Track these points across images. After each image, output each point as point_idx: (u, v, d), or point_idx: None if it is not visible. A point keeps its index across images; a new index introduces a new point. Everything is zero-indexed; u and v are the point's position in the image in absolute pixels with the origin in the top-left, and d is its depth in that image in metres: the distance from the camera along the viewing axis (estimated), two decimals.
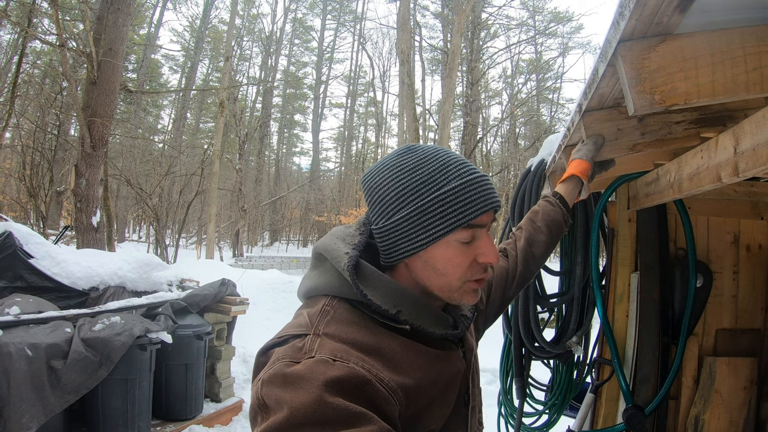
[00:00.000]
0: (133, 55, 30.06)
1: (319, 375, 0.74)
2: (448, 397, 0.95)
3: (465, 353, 1.05)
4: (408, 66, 14.91)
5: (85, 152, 7.72)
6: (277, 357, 0.81)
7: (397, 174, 0.93)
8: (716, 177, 1.27)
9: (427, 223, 0.90)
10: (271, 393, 0.75)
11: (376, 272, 0.93)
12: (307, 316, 0.90)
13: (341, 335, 0.85)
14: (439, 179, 0.91)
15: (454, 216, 0.89)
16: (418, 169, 0.92)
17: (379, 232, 0.96)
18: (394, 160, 0.96)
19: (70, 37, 9.15)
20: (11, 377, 3.36)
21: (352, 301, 0.92)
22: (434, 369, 0.92)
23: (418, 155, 0.95)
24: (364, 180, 1.00)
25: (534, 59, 31.85)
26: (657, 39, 1.07)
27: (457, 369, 0.98)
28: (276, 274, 11.00)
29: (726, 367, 2.08)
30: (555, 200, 1.62)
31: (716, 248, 2.26)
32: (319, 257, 1.00)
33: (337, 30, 46.43)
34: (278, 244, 38.41)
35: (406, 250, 0.93)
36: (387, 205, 0.94)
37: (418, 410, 0.86)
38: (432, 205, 0.90)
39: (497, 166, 29.48)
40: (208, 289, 5.23)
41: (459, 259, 0.93)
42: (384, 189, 0.94)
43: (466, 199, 0.90)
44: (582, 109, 1.58)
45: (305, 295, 0.99)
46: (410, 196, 0.91)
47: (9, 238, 4.56)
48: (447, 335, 0.97)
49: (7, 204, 17.34)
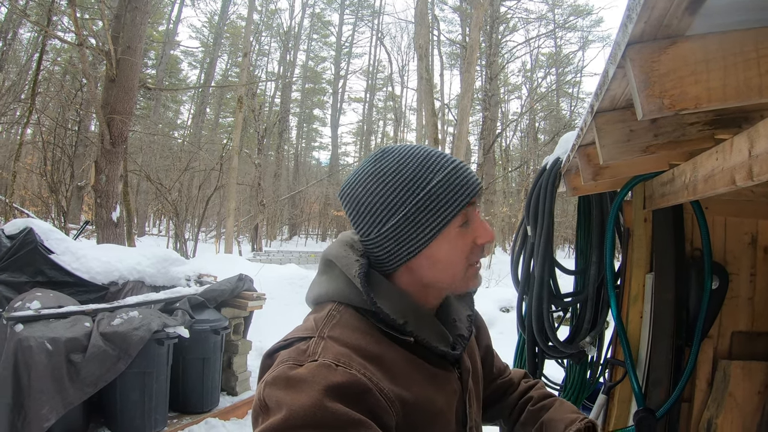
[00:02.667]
0: (152, 51, 30.38)
1: (320, 379, 0.75)
2: (444, 417, 0.95)
3: (461, 374, 1.04)
4: (426, 61, 14.85)
5: (105, 149, 7.84)
6: (281, 359, 0.83)
7: (379, 181, 0.92)
8: (731, 180, 1.24)
9: (423, 221, 0.90)
10: (273, 394, 0.76)
11: (385, 281, 0.95)
12: (313, 320, 0.91)
13: (345, 339, 0.86)
14: (424, 176, 0.91)
15: (447, 207, 0.90)
16: (400, 170, 0.92)
17: (373, 242, 0.95)
18: (372, 167, 0.95)
19: (89, 35, 9.27)
20: (32, 370, 3.45)
21: (359, 309, 0.93)
22: (432, 387, 0.92)
23: (395, 157, 0.94)
24: (344, 194, 0.98)
25: (553, 53, 31.54)
26: (667, 41, 1.04)
27: (453, 390, 0.98)
28: (294, 268, 11.06)
29: (740, 371, 2.04)
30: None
31: (733, 249, 2.22)
32: (328, 264, 1.00)
33: (355, 25, 46.42)
34: (297, 238, 38.56)
35: (408, 253, 0.93)
36: (377, 215, 0.92)
37: (413, 425, 0.86)
38: (423, 203, 0.90)
39: (516, 161, 29.32)
40: (226, 284, 5.28)
41: (460, 245, 0.94)
42: (369, 199, 0.93)
43: (453, 189, 0.91)
44: (594, 110, 1.56)
45: (314, 301, 1.00)
46: (399, 199, 0.91)
47: (30, 234, 4.64)
48: (446, 354, 0.97)
49: (29, 199, 17.62)
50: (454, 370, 1.01)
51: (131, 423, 4.06)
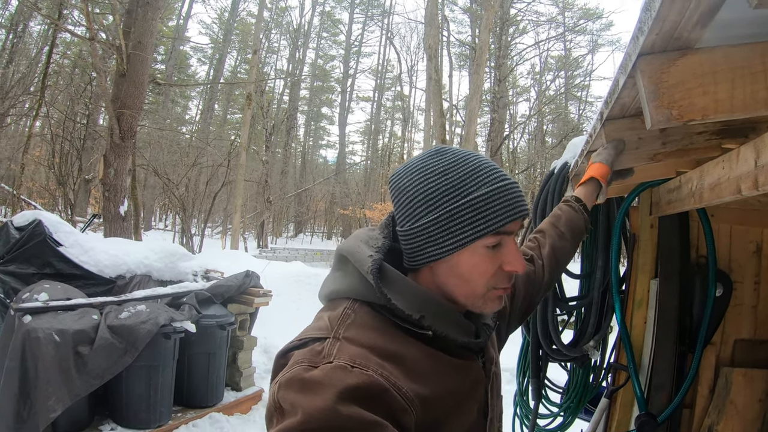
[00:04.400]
0: (161, 46, 30.43)
1: (336, 382, 0.73)
2: (466, 408, 0.93)
3: (485, 363, 1.03)
4: (435, 61, 14.84)
5: (114, 143, 7.87)
6: (295, 360, 0.81)
7: (426, 177, 0.92)
8: (736, 189, 1.26)
9: (455, 228, 0.89)
10: (288, 397, 0.75)
11: (400, 276, 0.92)
12: (327, 319, 0.89)
13: (361, 340, 0.84)
14: (469, 184, 0.90)
15: (483, 223, 0.88)
16: (448, 172, 0.91)
17: (405, 234, 0.95)
18: (423, 163, 0.95)
19: (100, 29, 9.31)
20: (39, 361, 3.48)
21: (373, 305, 0.91)
22: (453, 379, 0.91)
23: (448, 158, 0.93)
24: (392, 181, 0.99)
25: (563, 56, 31.37)
26: (677, 53, 1.06)
27: (476, 379, 0.97)
28: (300, 266, 11.08)
29: (742, 378, 2.06)
30: (578, 206, 1.59)
31: (738, 257, 2.23)
32: (342, 259, 0.99)
33: (365, 24, 46.36)
34: (303, 235, 38.55)
35: (432, 255, 0.92)
36: (415, 208, 0.92)
37: (435, 420, 0.84)
38: (460, 211, 0.88)
39: (524, 163, 29.23)
40: (233, 280, 5.32)
41: (485, 266, 0.92)
42: (412, 191, 0.93)
43: (495, 206, 0.89)
44: (603, 118, 1.57)
45: (327, 297, 0.98)
46: (439, 200, 0.90)
47: (39, 227, 4.68)
48: (469, 344, 0.96)
49: (37, 191, 17.73)
50: (477, 358, 1.00)
51: (136, 416, 4.09)
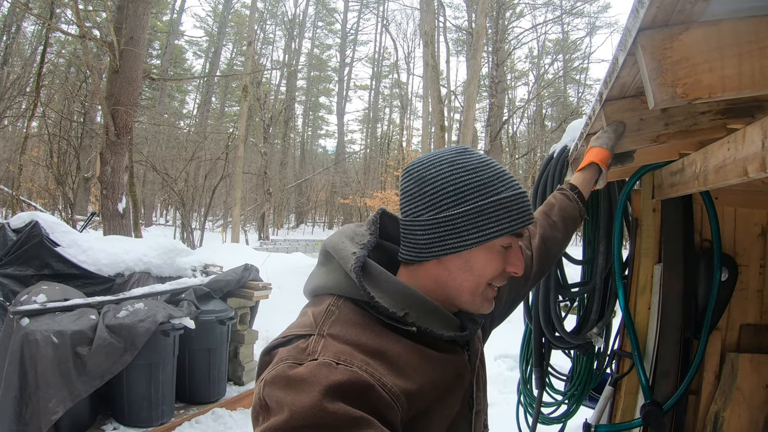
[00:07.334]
0: (156, 41, 30.27)
1: (321, 379, 0.74)
2: (452, 401, 0.95)
3: (470, 357, 1.04)
4: (432, 47, 14.73)
5: (110, 140, 7.85)
6: (280, 357, 0.81)
7: (457, 170, 0.94)
8: (743, 171, 1.21)
9: (482, 223, 0.92)
10: (273, 394, 0.75)
11: (384, 273, 0.93)
12: (311, 315, 0.90)
13: (346, 336, 0.84)
14: (498, 185, 0.94)
15: (507, 222, 0.92)
16: (479, 170, 0.94)
17: (420, 225, 0.95)
18: (452, 157, 0.96)
19: (93, 26, 9.26)
20: (38, 364, 3.46)
21: (358, 302, 0.91)
22: (438, 373, 0.91)
23: (477, 158, 0.97)
24: (413, 170, 0.99)
25: (560, 39, 31.17)
26: (679, 27, 1.00)
27: (461, 373, 0.98)
28: (300, 257, 11.09)
29: (749, 364, 2.01)
30: (572, 195, 1.57)
31: (743, 241, 2.18)
32: (327, 255, 0.99)
33: (360, 12, 45.97)
34: (304, 226, 38.54)
35: (452, 246, 0.93)
36: (442, 199, 0.93)
37: (419, 414, 0.85)
38: (489, 207, 0.92)
39: (523, 148, 29.12)
40: (231, 274, 5.28)
41: (495, 265, 0.96)
42: (441, 183, 0.94)
43: (517, 209, 0.94)
44: (603, 98, 1.52)
45: (311, 293, 0.98)
46: (470, 194, 0.92)
47: (35, 228, 4.66)
48: (455, 337, 0.96)
49: (36, 191, 17.73)
50: (463, 352, 1.02)
51: (138, 414, 4.08)
